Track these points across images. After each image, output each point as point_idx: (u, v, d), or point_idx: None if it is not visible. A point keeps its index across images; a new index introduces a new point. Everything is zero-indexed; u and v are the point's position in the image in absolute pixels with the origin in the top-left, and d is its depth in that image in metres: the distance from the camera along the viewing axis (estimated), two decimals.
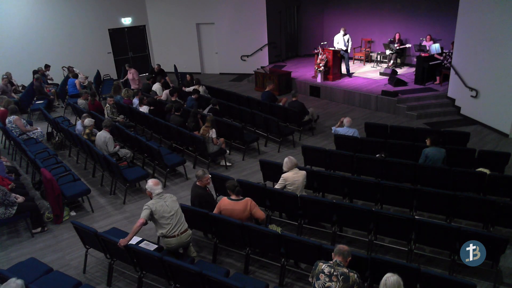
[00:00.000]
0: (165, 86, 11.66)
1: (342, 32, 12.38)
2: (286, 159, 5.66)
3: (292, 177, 5.59)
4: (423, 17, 13.00)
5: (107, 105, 9.43)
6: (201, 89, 11.06)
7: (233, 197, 5.06)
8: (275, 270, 5.04)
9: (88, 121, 7.73)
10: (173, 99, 9.88)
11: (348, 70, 12.70)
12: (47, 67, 13.51)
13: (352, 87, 11.59)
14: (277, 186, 5.70)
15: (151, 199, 4.72)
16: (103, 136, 7.31)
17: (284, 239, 4.59)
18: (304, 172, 5.72)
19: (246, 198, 5.05)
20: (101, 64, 14.82)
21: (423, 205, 5.60)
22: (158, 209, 4.59)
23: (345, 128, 7.50)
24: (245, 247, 5.00)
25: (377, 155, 6.76)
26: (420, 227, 4.79)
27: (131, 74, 12.38)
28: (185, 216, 4.89)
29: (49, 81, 13.15)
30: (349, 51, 12.57)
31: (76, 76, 12.19)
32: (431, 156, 6.27)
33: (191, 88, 11.02)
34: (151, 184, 4.71)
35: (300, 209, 5.49)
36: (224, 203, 5.09)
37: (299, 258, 4.83)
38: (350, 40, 12.46)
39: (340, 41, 12.40)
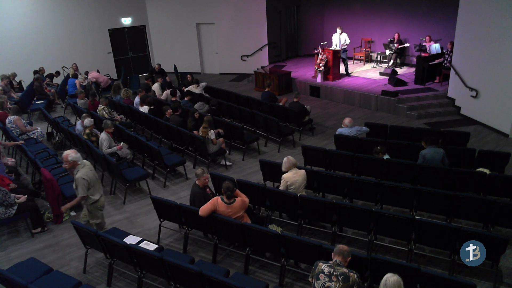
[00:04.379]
0: (168, 86, 11.64)
1: (338, 31, 12.38)
2: (284, 159, 5.65)
3: (292, 177, 5.59)
4: (423, 17, 13.00)
5: (101, 107, 9.12)
6: (199, 89, 11.05)
7: (225, 199, 4.98)
8: (275, 270, 5.04)
9: (88, 121, 7.72)
10: (173, 99, 9.87)
11: (346, 70, 12.70)
12: (57, 73, 13.54)
13: (352, 87, 11.58)
14: (280, 188, 5.69)
15: (74, 168, 4.98)
16: (100, 137, 7.39)
17: (284, 239, 4.58)
18: (303, 172, 5.71)
19: (237, 199, 4.99)
20: (101, 64, 14.83)
21: (423, 205, 5.59)
22: (91, 177, 5.03)
23: (347, 128, 7.52)
24: (245, 247, 5.00)
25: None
26: (420, 227, 4.79)
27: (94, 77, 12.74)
28: (185, 216, 4.88)
29: (51, 84, 13.13)
30: (341, 47, 12.32)
31: (76, 76, 12.19)
32: (429, 157, 6.26)
33: (191, 88, 11.01)
34: (73, 154, 4.98)
35: (300, 209, 5.49)
36: (219, 205, 4.99)
37: (299, 258, 4.83)
38: (346, 39, 12.34)
39: (336, 41, 12.41)
